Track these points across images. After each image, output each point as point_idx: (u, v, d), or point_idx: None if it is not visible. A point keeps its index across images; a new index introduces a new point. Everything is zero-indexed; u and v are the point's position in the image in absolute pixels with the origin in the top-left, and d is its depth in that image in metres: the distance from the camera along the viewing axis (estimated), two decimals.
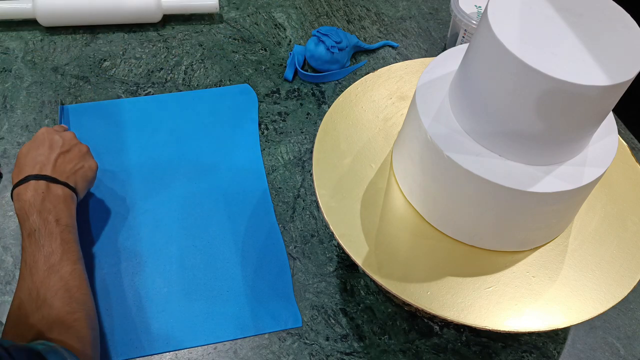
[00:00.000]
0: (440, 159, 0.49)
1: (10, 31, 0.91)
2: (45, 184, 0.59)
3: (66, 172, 0.62)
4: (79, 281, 0.56)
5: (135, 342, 0.61)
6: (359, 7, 1.01)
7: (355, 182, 0.59)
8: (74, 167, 0.63)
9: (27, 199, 0.57)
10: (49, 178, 0.60)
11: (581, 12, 0.46)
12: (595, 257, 0.55)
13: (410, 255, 0.54)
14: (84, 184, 0.64)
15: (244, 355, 0.61)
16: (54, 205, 0.58)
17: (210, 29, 0.95)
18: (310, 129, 0.82)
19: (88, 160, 0.66)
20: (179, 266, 0.67)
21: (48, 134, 0.64)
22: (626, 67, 0.42)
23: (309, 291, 0.66)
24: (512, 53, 0.42)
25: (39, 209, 0.57)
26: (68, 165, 0.63)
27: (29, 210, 0.57)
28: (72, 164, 0.63)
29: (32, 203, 0.57)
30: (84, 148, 0.66)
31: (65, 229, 0.58)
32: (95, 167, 0.67)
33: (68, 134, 0.66)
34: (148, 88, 0.85)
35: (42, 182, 0.59)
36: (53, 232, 0.56)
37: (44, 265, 0.54)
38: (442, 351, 0.62)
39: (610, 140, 0.51)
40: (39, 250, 0.55)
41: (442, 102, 0.53)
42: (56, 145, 0.63)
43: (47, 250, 0.55)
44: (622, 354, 0.64)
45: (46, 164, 0.61)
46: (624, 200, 0.59)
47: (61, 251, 0.56)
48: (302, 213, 0.72)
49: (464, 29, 0.85)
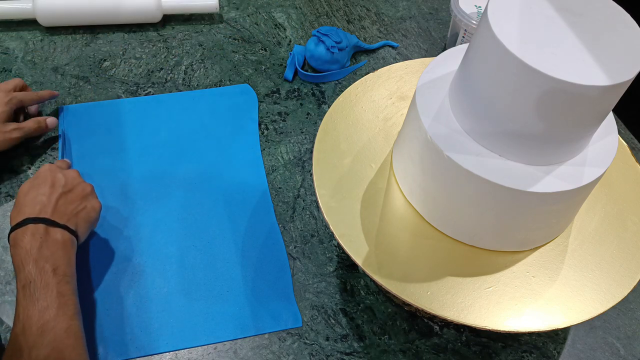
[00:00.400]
0: (440, 159, 0.49)
1: (10, 31, 0.91)
2: (44, 227, 0.56)
3: (67, 214, 0.59)
4: (73, 339, 0.52)
5: (136, 342, 0.60)
6: (359, 7, 1.01)
7: (355, 182, 0.59)
8: (76, 209, 0.61)
9: (23, 246, 0.55)
10: (48, 221, 0.57)
11: (581, 12, 0.46)
12: (595, 257, 0.55)
13: (410, 255, 0.54)
14: (85, 226, 0.61)
15: (244, 355, 0.61)
16: (52, 252, 0.55)
17: (210, 29, 0.95)
18: (310, 129, 0.82)
19: (91, 201, 0.63)
20: (179, 266, 0.67)
21: (50, 172, 0.62)
22: (626, 67, 0.42)
23: (309, 291, 0.66)
24: (512, 53, 0.42)
25: (36, 257, 0.54)
26: (70, 206, 0.60)
27: (25, 258, 0.54)
28: (74, 204, 0.61)
29: (29, 251, 0.54)
30: (87, 187, 0.64)
31: (62, 279, 0.55)
32: (98, 208, 0.64)
33: (71, 173, 0.64)
34: (148, 88, 0.85)
35: (41, 225, 0.56)
36: (49, 284, 0.53)
37: (38, 322, 0.51)
38: (442, 351, 0.62)
39: (610, 140, 0.51)
40: (33, 304, 0.52)
41: (442, 102, 0.53)
42: (58, 185, 0.61)
43: (42, 305, 0.52)
44: (622, 354, 0.64)
45: (46, 205, 0.58)
46: (624, 200, 0.59)
47: (57, 305, 0.53)
48: (302, 213, 0.72)
49: (464, 29, 0.85)
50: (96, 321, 0.62)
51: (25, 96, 0.74)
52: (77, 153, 0.76)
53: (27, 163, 0.75)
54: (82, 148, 0.76)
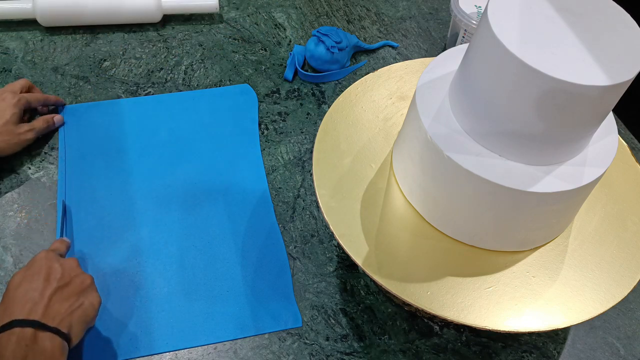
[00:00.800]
0: (440, 159, 0.49)
1: (10, 31, 0.91)
2: (32, 332, 0.50)
3: (60, 315, 0.53)
4: None
5: (135, 342, 0.60)
6: (359, 7, 1.01)
7: (355, 182, 0.59)
8: (72, 306, 0.54)
9: (6, 356, 0.49)
10: (37, 324, 0.50)
11: (581, 12, 0.46)
12: (595, 257, 0.55)
13: (410, 255, 0.54)
14: (80, 327, 0.54)
15: (244, 355, 0.61)
16: None
17: (210, 29, 0.95)
18: (310, 129, 0.82)
19: (89, 296, 0.56)
20: (179, 266, 0.67)
21: (47, 262, 0.56)
22: (626, 67, 0.42)
23: (309, 291, 0.66)
24: (512, 53, 0.42)
25: None
26: (65, 303, 0.53)
27: None
28: (69, 302, 0.54)
29: None
30: (86, 280, 0.57)
31: None
32: (97, 304, 0.57)
33: (69, 263, 0.58)
34: (148, 88, 0.85)
35: (29, 330, 0.50)
36: None
37: None
38: (442, 351, 0.62)
39: (610, 140, 0.51)
40: None
41: (442, 102, 0.53)
42: (53, 278, 0.54)
43: None
44: (622, 354, 0.64)
45: (38, 304, 0.52)
46: (624, 200, 0.59)
47: None
48: (302, 213, 0.72)
49: (464, 29, 0.85)
50: (96, 321, 0.62)
51: (32, 97, 0.75)
52: (77, 153, 0.76)
53: (27, 163, 0.75)
54: (82, 148, 0.76)
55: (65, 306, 0.54)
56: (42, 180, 0.73)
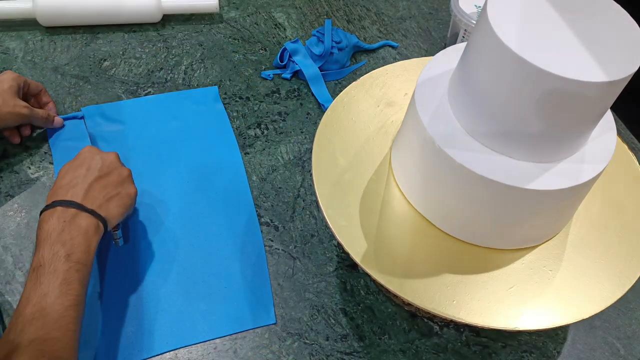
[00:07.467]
0: (439, 156, 0.49)
1: (10, 31, 0.91)
2: (72, 211, 0.56)
3: (98, 200, 0.59)
4: (62, 332, 0.50)
5: (135, 342, 0.60)
6: (359, 7, 1.01)
7: (355, 181, 0.59)
8: (109, 194, 0.60)
9: (46, 229, 0.55)
10: (76, 204, 0.57)
11: (580, 10, 0.46)
12: (595, 256, 0.55)
13: (410, 254, 0.54)
14: (117, 212, 0.60)
15: (244, 355, 0.61)
16: (71, 238, 0.55)
17: (210, 29, 0.95)
18: (310, 129, 0.82)
19: (126, 187, 0.63)
20: (177, 265, 0.66)
21: (89, 154, 0.62)
22: (625, 64, 0.42)
23: (309, 291, 0.66)
24: (511, 50, 0.42)
25: (53, 241, 0.54)
26: (103, 191, 0.60)
27: (43, 242, 0.54)
28: (107, 189, 0.60)
29: (49, 234, 0.54)
30: (124, 172, 0.63)
31: (73, 266, 0.53)
32: (133, 194, 0.63)
33: (110, 156, 0.64)
34: (148, 88, 0.85)
35: (69, 209, 0.56)
36: (57, 270, 0.52)
37: (34, 307, 0.50)
38: (442, 351, 0.62)
39: (609, 137, 0.51)
40: (36, 289, 0.51)
41: (441, 100, 0.53)
42: (94, 168, 0.61)
43: (43, 290, 0.51)
44: (622, 354, 0.63)
45: (79, 189, 0.58)
46: (624, 200, 0.59)
47: (57, 293, 0.51)
48: (302, 213, 0.72)
49: (464, 29, 0.85)
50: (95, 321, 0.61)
51: (32, 81, 0.76)
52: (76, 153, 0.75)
53: (27, 163, 0.75)
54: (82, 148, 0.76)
55: (104, 193, 0.60)
56: (42, 180, 0.73)
